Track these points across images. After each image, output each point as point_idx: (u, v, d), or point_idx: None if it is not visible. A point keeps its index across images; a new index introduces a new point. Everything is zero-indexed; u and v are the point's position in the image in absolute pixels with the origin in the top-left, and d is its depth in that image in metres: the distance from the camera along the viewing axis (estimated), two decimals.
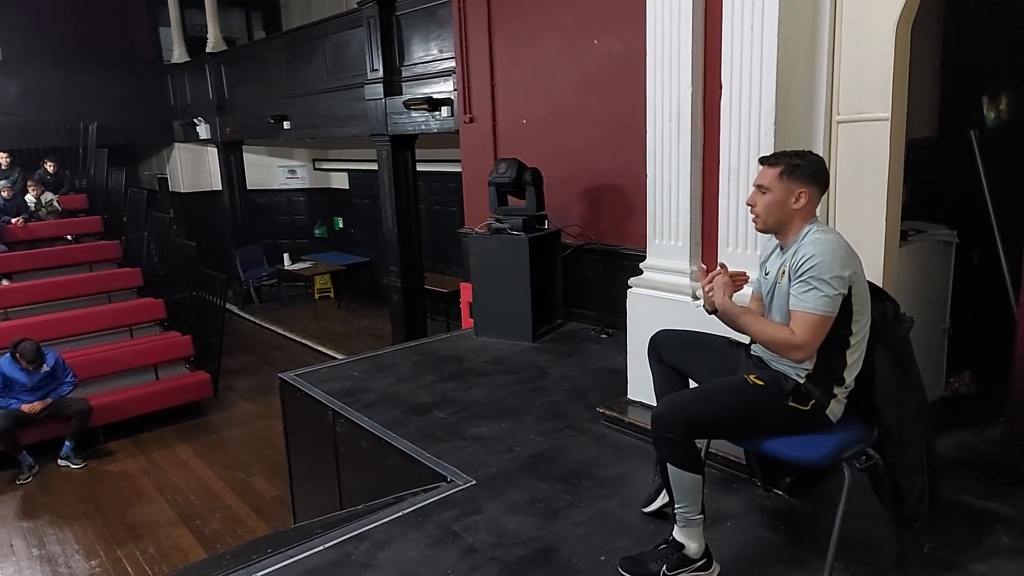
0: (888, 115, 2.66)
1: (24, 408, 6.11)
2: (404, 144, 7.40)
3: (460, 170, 6.01)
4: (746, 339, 2.30)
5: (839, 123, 2.80)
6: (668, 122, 3.20)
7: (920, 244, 3.21)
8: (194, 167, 12.21)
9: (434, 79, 6.68)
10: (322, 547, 2.51)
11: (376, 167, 7.74)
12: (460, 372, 4.24)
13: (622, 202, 4.66)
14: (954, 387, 3.43)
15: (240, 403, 7.75)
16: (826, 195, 2.44)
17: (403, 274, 7.51)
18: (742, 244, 2.96)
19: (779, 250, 2.18)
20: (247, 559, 2.50)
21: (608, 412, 3.38)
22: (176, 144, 12.08)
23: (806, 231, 2.09)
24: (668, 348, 2.46)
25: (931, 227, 3.32)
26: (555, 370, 4.18)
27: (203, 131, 11.10)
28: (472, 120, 5.64)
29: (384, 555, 2.44)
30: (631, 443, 3.19)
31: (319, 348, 9.20)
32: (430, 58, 6.76)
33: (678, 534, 2.19)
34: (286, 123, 9.31)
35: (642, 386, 3.31)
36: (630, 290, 3.45)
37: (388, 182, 7.42)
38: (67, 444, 6.30)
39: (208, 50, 10.92)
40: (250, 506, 5.53)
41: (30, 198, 8.97)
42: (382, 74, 7.17)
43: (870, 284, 2.12)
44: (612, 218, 4.76)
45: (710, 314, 2.29)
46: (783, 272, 2.10)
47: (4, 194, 8.56)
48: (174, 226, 9.20)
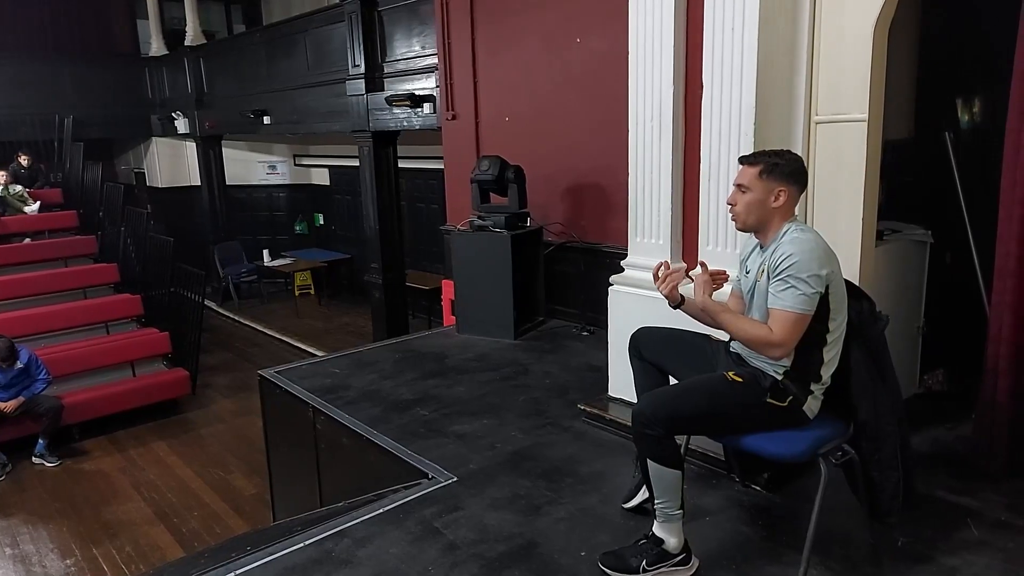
0: (865, 116, 2.70)
1: (7, 410, 6.02)
2: (386, 140, 7.36)
3: (442, 167, 6.00)
4: (725, 336, 2.32)
5: (817, 123, 2.84)
6: (649, 121, 3.23)
7: (895, 244, 3.26)
8: (172, 162, 12.05)
9: (416, 75, 6.66)
10: (302, 544, 2.50)
11: (357, 163, 7.70)
12: (442, 369, 4.24)
13: (604, 200, 4.68)
14: (928, 384, 3.49)
15: (219, 400, 7.68)
16: (804, 194, 2.47)
17: (384, 271, 7.48)
18: (722, 242, 2.99)
19: (759, 249, 2.21)
20: (226, 557, 2.48)
21: (589, 409, 3.40)
22: (154, 138, 11.92)
23: (785, 230, 2.12)
24: (649, 345, 2.48)
25: (906, 227, 3.37)
26: (537, 367, 4.19)
27: (181, 125, 10.96)
28: (454, 117, 5.63)
29: (365, 552, 2.44)
30: (612, 440, 3.22)
31: (299, 345, 9.14)
32: (412, 54, 6.73)
33: (658, 529, 2.21)
34: (266, 118, 9.23)
35: (623, 383, 3.33)
36: (611, 288, 3.47)
37: (370, 179, 7.38)
38: (40, 442, 6.21)
39: (187, 43, 10.79)
40: (229, 504, 5.49)
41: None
42: (364, 70, 7.13)
43: (846, 282, 2.16)
44: (594, 216, 4.78)
45: (674, 308, 2.34)
46: (763, 271, 2.12)
47: None
48: (151, 221, 9.08)
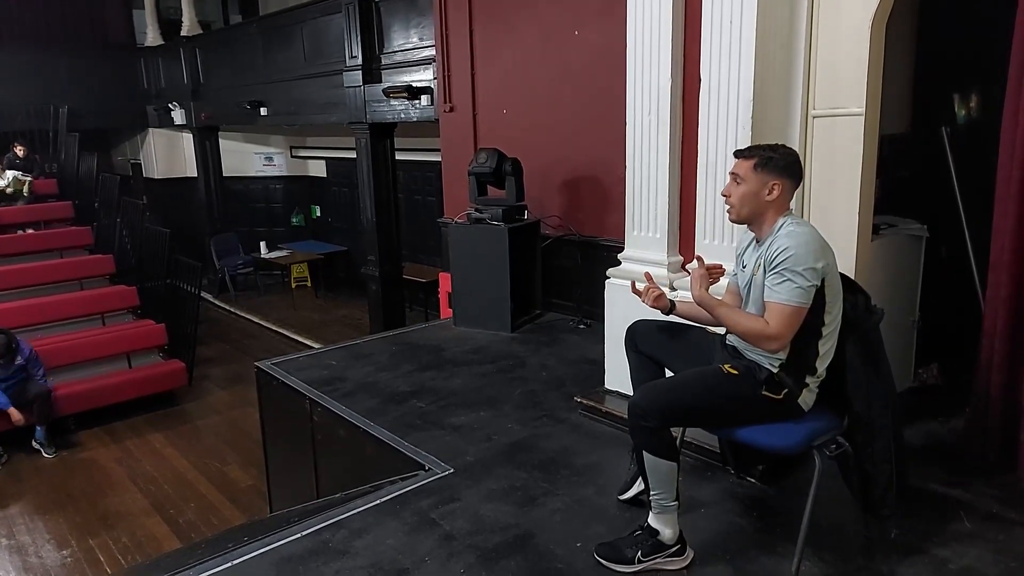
0: (862, 111, 2.71)
1: (12, 418, 6.07)
2: (383, 132, 7.35)
3: (439, 159, 5.99)
4: (721, 329, 2.33)
5: (814, 117, 2.85)
6: (647, 114, 3.23)
7: (891, 238, 3.28)
8: (168, 153, 12.00)
9: (414, 67, 6.64)
10: (299, 535, 2.51)
11: (354, 155, 7.69)
12: (438, 361, 4.24)
13: (601, 193, 4.68)
14: (922, 378, 3.51)
15: (215, 392, 7.68)
16: (800, 188, 2.48)
17: (381, 263, 7.48)
18: (719, 236, 3.00)
19: (755, 243, 2.22)
20: (223, 548, 2.49)
21: (585, 401, 3.42)
22: (150, 129, 11.86)
23: (780, 224, 2.13)
24: (645, 338, 2.49)
25: (902, 221, 3.38)
26: (533, 360, 4.20)
27: (178, 116, 10.91)
28: (452, 109, 5.62)
29: (361, 543, 2.45)
30: (608, 432, 3.23)
31: (296, 337, 9.14)
32: (410, 46, 6.71)
33: (653, 520, 2.23)
34: (263, 109, 9.19)
35: (619, 376, 3.35)
36: (608, 280, 3.48)
37: (367, 171, 7.37)
38: (38, 429, 6.21)
39: (183, 34, 10.73)
40: (225, 495, 5.50)
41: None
42: (361, 61, 7.11)
43: (842, 276, 2.17)
44: (591, 209, 4.78)
45: (667, 315, 2.39)
46: (759, 265, 2.13)
47: None
48: (147, 213, 9.04)
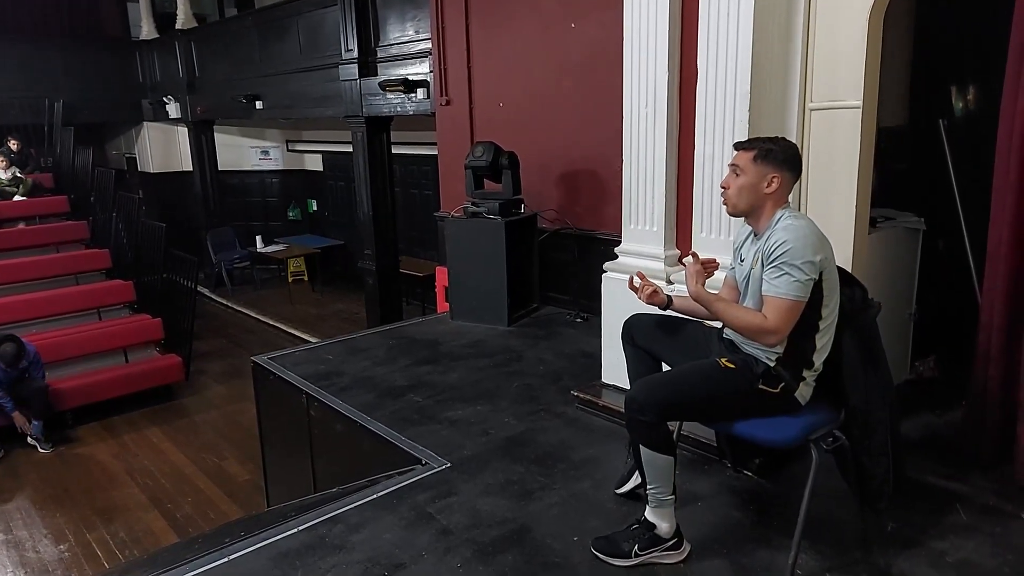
0: (860, 103, 2.70)
1: (16, 422, 6.12)
2: (379, 126, 7.32)
3: (436, 153, 5.97)
4: (718, 323, 2.33)
5: (812, 110, 2.84)
6: (644, 107, 3.22)
7: (888, 231, 3.27)
8: (164, 147, 11.95)
9: (410, 60, 6.61)
10: (296, 530, 2.51)
11: (351, 149, 7.66)
12: (435, 356, 4.24)
13: (598, 187, 4.67)
14: (919, 371, 3.51)
15: (212, 387, 7.67)
16: (798, 181, 2.47)
17: (378, 257, 7.46)
18: (716, 229, 2.99)
19: (752, 237, 2.21)
20: (220, 542, 2.49)
21: (582, 395, 3.41)
22: (145, 123, 11.80)
23: (778, 217, 2.12)
24: (642, 332, 2.49)
25: (899, 215, 3.38)
26: (530, 354, 4.20)
27: (173, 110, 10.86)
28: (448, 102, 5.60)
29: (358, 537, 2.45)
30: (604, 426, 3.23)
31: (292, 332, 9.13)
32: (406, 39, 6.68)
33: (650, 514, 2.23)
34: (258, 103, 9.15)
35: (616, 370, 3.34)
36: (605, 274, 3.47)
37: (363, 164, 7.34)
38: (35, 423, 6.20)
39: (178, 27, 10.66)
40: (222, 490, 5.50)
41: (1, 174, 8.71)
42: (357, 54, 7.06)
43: (839, 269, 2.16)
44: (588, 203, 4.77)
45: (664, 311, 2.39)
46: (757, 259, 2.12)
47: None
48: (143, 207, 9.01)
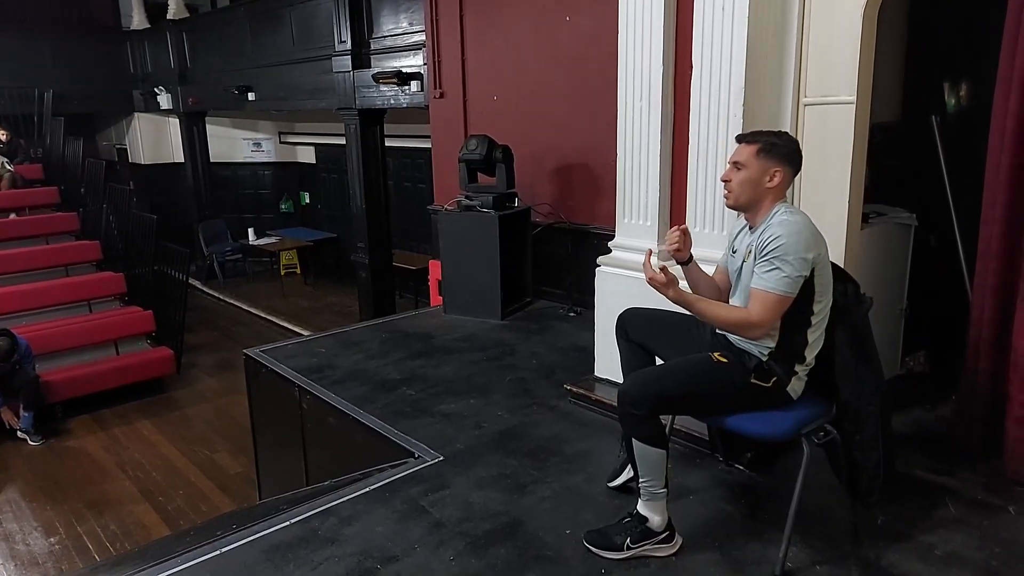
0: (853, 99, 2.71)
1: (4, 417, 6.10)
2: (373, 119, 7.29)
3: (430, 146, 5.95)
4: None
5: (806, 105, 2.84)
6: (638, 101, 3.21)
7: (881, 226, 3.29)
8: (155, 138, 11.87)
9: (404, 52, 6.58)
10: (288, 523, 2.50)
11: (344, 142, 7.63)
12: (428, 349, 4.23)
13: (592, 181, 4.67)
14: (909, 366, 3.53)
15: (203, 379, 7.64)
16: None
17: (371, 251, 7.44)
18: (710, 224, 3.00)
19: (748, 230, 2.21)
20: (212, 535, 2.48)
21: (575, 389, 3.42)
22: (136, 114, 11.71)
23: (775, 212, 2.12)
24: (635, 326, 2.49)
25: (892, 210, 3.39)
26: (523, 348, 4.20)
27: (164, 101, 10.78)
28: (442, 95, 5.58)
29: (351, 530, 2.45)
30: (597, 419, 3.24)
31: (285, 325, 9.10)
32: (400, 31, 6.65)
33: (642, 507, 2.23)
34: (251, 94, 9.09)
35: (609, 364, 3.35)
36: (598, 268, 3.48)
37: (356, 157, 7.31)
38: (25, 416, 6.17)
39: (169, 17, 10.57)
40: (214, 483, 5.49)
41: None
42: (350, 46, 7.04)
43: (832, 265, 2.17)
44: (582, 197, 4.77)
45: (687, 265, 2.38)
46: (750, 252, 2.13)
47: None
48: (134, 198, 8.97)
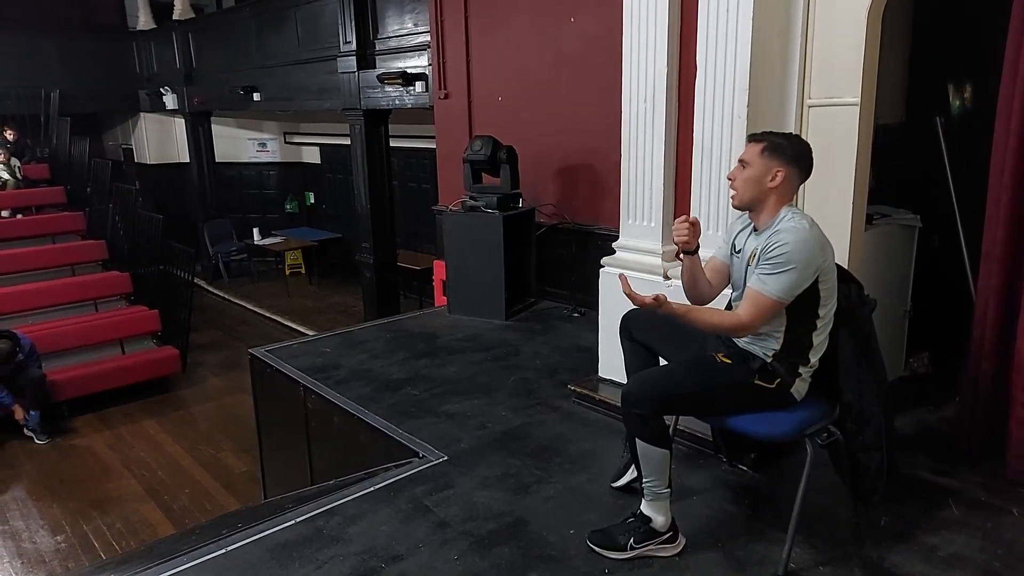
0: (858, 100, 2.71)
1: (16, 416, 6.14)
2: (377, 119, 7.30)
3: (434, 146, 5.96)
4: None
5: (810, 107, 2.85)
6: (643, 102, 3.22)
7: (885, 228, 3.29)
8: (160, 138, 11.91)
9: (409, 53, 6.59)
10: (293, 521, 2.52)
11: (349, 142, 7.65)
12: (433, 349, 4.25)
13: (596, 182, 4.68)
14: (913, 367, 3.53)
15: (209, 379, 7.68)
16: None
17: (375, 251, 7.46)
18: (714, 225, 3.00)
19: (753, 232, 2.20)
20: (217, 533, 2.49)
21: (579, 389, 3.43)
22: (142, 114, 11.76)
23: (782, 216, 2.11)
24: (639, 326, 2.50)
25: (895, 211, 3.39)
26: (527, 348, 4.21)
27: (170, 101, 10.82)
28: (447, 96, 5.59)
29: (355, 529, 2.46)
30: (601, 420, 3.25)
31: (289, 324, 9.13)
32: (405, 32, 6.66)
33: (645, 508, 2.24)
34: (256, 95, 9.12)
35: (612, 364, 3.36)
36: (602, 269, 3.48)
37: (361, 157, 7.33)
38: (32, 414, 6.21)
39: (175, 17, 10.62)
40: (219, 481, 5.51)
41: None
42: (355, 47, 7.05)
43: (836, 266, 2.17)
44: (586, 198, 4.78)
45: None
46: (754, 255, 2.13)
47: None
48: (140, 198, 9.00)
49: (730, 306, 2.32)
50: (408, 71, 6.48)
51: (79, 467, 5.81)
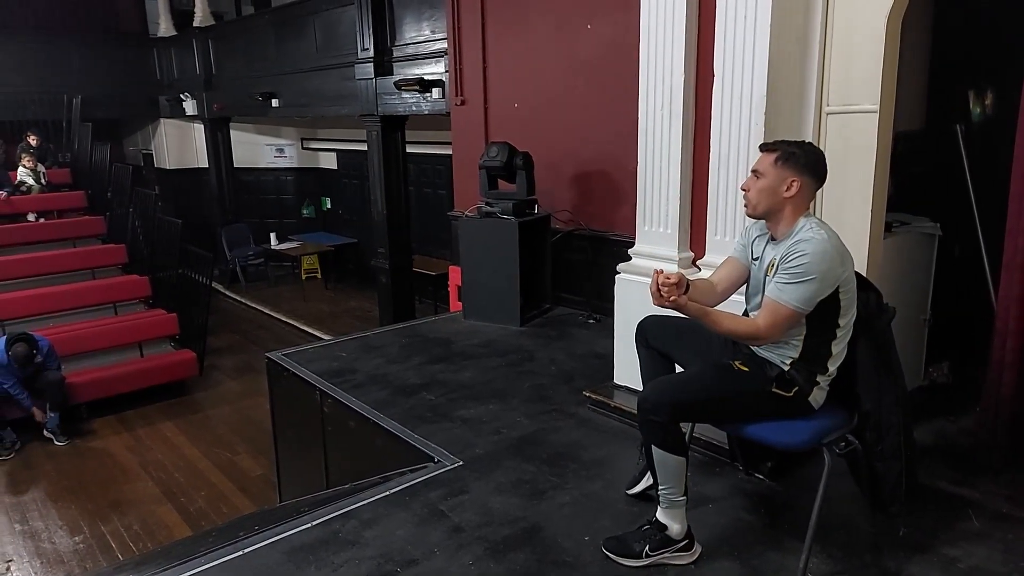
0: (877, 107, 2.69)
1: (36, 417, 6.24)
2: (394, 125, 7.35)
3: (450, 152, 5.99)
4: None
5: (828, 114, 2.83)
6: (659, 109, 3.22)
7: (904, 236, 3.26)
8: (180, 143, 12.06)
9: (426, 60, 6.63)
10: (309, 524, 2.53)
11: (366, 148, 7.70)
12: (448, 354, 4.26)
13: (611, 188, 4.68)
14: (932, 376, 3.50)
15: (225, 382, 7.74)
16: None
17: (391, 256, 7.49)
18: (731, 232, 2.99)
19: (771, 241, 2.19)
20: (234, 536, 2.51)
21: (594, 396, 3.42)
22: (162, 120, 11.92)
23: (800, 226, 2.09)
24: (655, 333, 2.49)
25: (915, 219, 3.37)
26: (542, 354, 4.21)
27: (189, 107, 10.96)
28: (464, 102, 5.62)
29: (371, 533, 2.47)
30: (616, 427, 3.24)
31: (306, 328, 9.18)
32: (422, 38, 6.71)
33: (661, 515, 2.23)
34: (274, 101, 9.22)
35: (628, 371, 3.35)
36: (618, 276, 3.48)
37: (378, 163, 7.38)
38: (52, 415, 6.29)
39: (195, 24, 10.74)
40: (235, 484, 5.55)
41: (24, 170, 8.82)
42: (373, 53, 7.11)
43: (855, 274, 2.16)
44: (601, 204, 4.78)
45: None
46: (772, 265, 2.11)
47: None
48: (159, 203, 9.11)
49: (747, 313, 2.31)
50: (425, 78, 6.52)
51: (97, 468, 5.87)
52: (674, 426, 2.15)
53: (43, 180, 9.02)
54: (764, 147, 2.19)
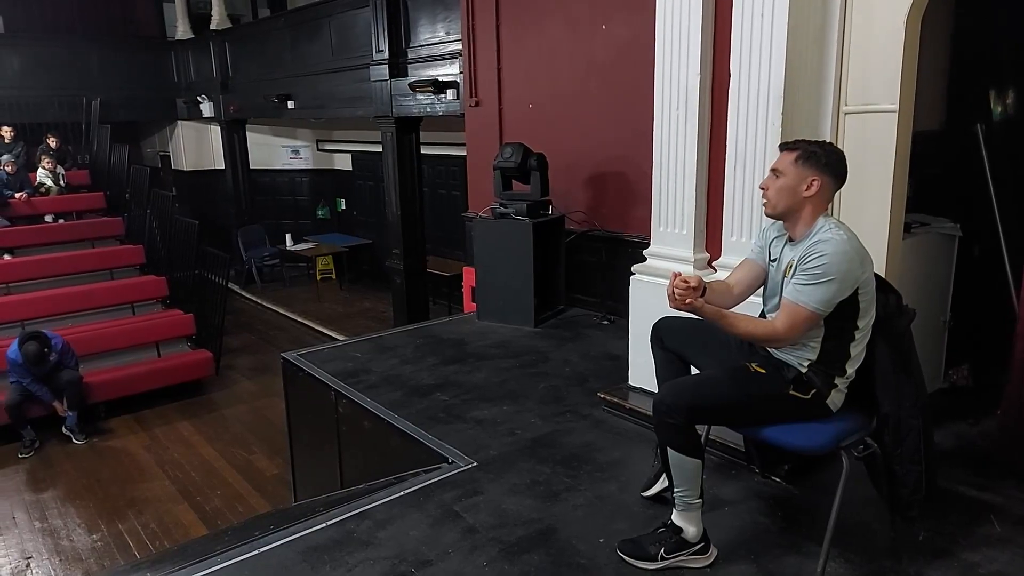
0: (895, 107, 2.66)
1: (58, 411, 6.34)
2: (409, 126, 7.38)
3: (465, 154, 6.00)
4: None
5: (846, 114, 2.81)
6: (675, 109, 3.20)
7: (923, 237, 3.22)
8: (197, 145, 12.19)
9: (440, 61, 6.65)
10: (324, 524, 2.54)
11: (380, 149, 7.73)
12: (462, 355, 4.26)
13: (626, 189, 4.66)
14: (952, 379, 3.46)
15: (241, 382, 7.80)
16: None
17: (405, 257, 7.52)
18: (747, 233, 2.97)
19: (789, 242, 2.17)
20: (249, 535, 2.53)
21: (608, 397, 3.41)
22: (179, 121, 12.05)
23: (819, 227, 2.07)
24: (671, 334, 2.47)
25: (934, 220, 3.33)
26: (556, 355, 4.20)
27: (206, 109, 11.07)
28: (478, 103, 5.62)
29: (385, 533, 2.48)
30: (631, 428, 3.23)
31: (320, 329, 9.24)
32: (436, 40, 6.73)
33: (676, 518, 2.22)
34: (290, 102, 9.28)
35: (643, 372, 3.34)
36: (633, 277, 3.47)
37: (392, 164, 7.41)
38: (70, 414, 6.36)
39: (212, 27, 10.86)
40: (251, 484, 5.59)
41: (43, 172, 8.94)
42: (387, 55, 7.14)
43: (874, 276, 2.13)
44: (616, 205, 4.76)
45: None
46: (791, 266, 2.10)
47: (8, 169, 8.51)
48: (176, 204, 9.21)
49: (763, 315, 2.29)
50: (439, 79, 6.54)
51: (115, 467, 5.94)
52: (690, 428, 2.14)
53: (62, 182, 9.14)
54: (784, 146, 2.18)
